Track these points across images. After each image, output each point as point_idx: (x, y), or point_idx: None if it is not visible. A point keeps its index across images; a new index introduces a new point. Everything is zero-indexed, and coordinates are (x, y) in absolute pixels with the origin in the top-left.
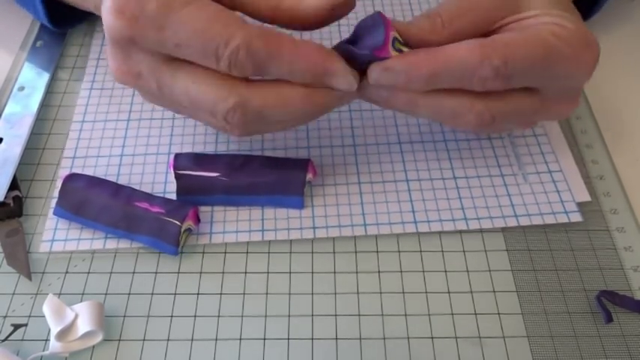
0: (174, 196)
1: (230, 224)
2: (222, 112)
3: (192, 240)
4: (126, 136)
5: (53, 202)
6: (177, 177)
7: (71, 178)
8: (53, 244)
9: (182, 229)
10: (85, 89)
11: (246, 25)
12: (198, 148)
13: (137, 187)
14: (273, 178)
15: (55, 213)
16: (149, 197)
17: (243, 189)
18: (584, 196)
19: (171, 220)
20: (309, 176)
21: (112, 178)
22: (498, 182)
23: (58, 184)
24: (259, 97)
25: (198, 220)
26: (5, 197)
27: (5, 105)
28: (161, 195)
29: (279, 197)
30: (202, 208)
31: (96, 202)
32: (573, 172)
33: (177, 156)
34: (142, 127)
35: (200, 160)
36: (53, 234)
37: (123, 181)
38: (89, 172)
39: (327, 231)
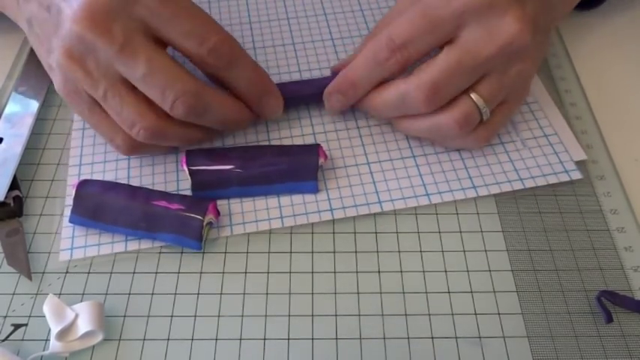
0: (188, 193)
1: (249, 215)
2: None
3: (213, 233)
4: None
5: (53, 202)
6: (192, 173)
7: (84, 184)
8: (73, 252)
9: (204, 223)
10: None
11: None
12: (206, 144)
13: (150, 188)
14: (287, 165)
15: (70, 221)
16: (166, 195)
17: (258, 179)
18: (581, 155)
19: (192, 215)
20: (321, 160)
21: (124, 182)
22: (500, 150)
23: (70, 191)
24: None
25: (218, 214)
26: (5, 197)
27: (5, 105)
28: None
29: (294, 183)
30: (219, 202)
31: (113, 205)
32: (567, 134)
33: (188, 153)
34: None
35: (212, 154)
36: (72, 242)
37: (134, 183)
38: (98, 177)
39: (344, 211)
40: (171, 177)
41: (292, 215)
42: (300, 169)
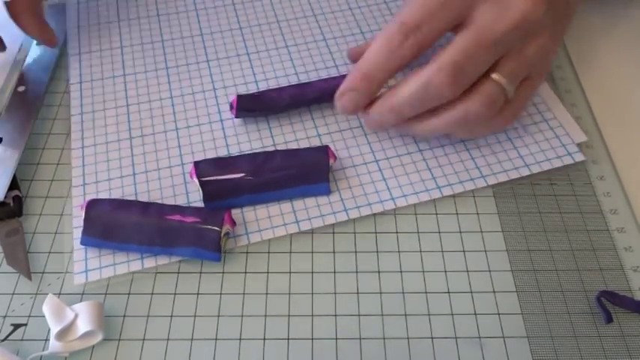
0: (199, 205)
1: (263, 222)
2: None
3: (231, 244)
4: (132, 154)
5: (53, 202)
6: (203, 184)
7: (93, 204)
8: (88, 275)
9: (222, 234)
10: (75, 115)
11: None
12: (211, 154)
13: (161, 203)
14: (298, 169)
15: (82, 243)
16: (179, 209)
17: (269, 185)
18: (581, 137)
19: (209, 227)
20: (331, 161)
21: (132, 199)
22: (503, 137)
23: (76, 213)
24: None
25: (234, 223)
26: (5, 197)
27: (5, 105)
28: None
29: (306, 187)
30: (233, 211)
31: (125, 223)
32: (566, 117)
33: (197, 164)
34: (146, 143)
35: (221, 163)
36: (85, 264)
37: (143, 199)
38: (104, 196)
39: (359, 211)
40: (179, 190)
41: (308, 219)
42: (311, 172)
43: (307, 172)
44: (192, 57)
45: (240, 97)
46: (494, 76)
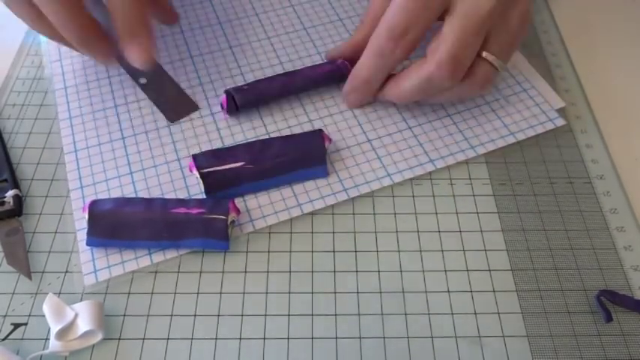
0: (202, 197)
1: (266, 208)
2: None
3: (236, 232)
4: (127, 153)
5: (53, 202)
6: (203, 176)
7: (95, 204)
8: (98, 275)
9: (228, 222)
10: (63, 120)
11: None
12: (206, 147)
13: (164, 197)
14: (296, 153)
15: (88, 244)
16: (183, 202)
17: (269, 172)
18: (560, 103)
19: (216, 216)
20: (326, 144)
21: (132, 197)
22: (486, 109)
23: (78, 215)
24: None
25: (238, 211)
26: (5, 197)
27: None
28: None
29: (304, 170)
30: (235, 200)
31: (131, 220)
32: (543, 86)
33: (195, 157)
34: (139, 141)
35: (219, 154)
36: (93, 265)
37: (143, 196)
38: (104, 197)
39: (357, 189)
40: (179, 184)
41: (309, 201)
42: (309, 156)
43: (304, 156)
44: (175, 54)
45: (228, 95)
46: (486, 55)
